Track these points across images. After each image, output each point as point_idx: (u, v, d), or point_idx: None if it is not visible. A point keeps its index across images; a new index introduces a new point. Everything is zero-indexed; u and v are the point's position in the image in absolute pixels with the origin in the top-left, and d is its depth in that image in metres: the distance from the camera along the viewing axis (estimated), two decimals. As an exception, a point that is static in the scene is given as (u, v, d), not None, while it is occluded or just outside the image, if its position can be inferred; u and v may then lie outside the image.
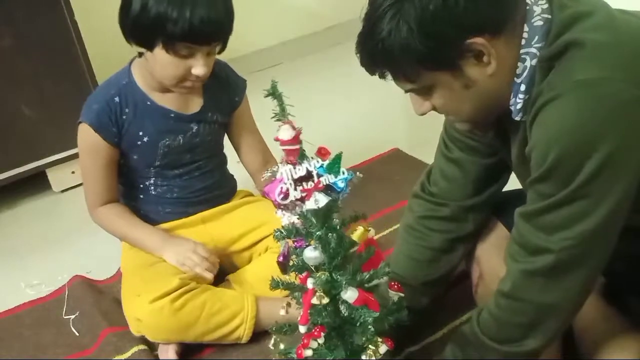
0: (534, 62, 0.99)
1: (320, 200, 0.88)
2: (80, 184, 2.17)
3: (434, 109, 1.06)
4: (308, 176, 0.89)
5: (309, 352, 1.00)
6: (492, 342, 1.09)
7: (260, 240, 1.58)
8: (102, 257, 1.78)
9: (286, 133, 0.89)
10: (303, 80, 2.72)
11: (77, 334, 1.56)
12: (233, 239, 1.61)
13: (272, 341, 1.07)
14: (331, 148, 0.93)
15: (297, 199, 0.89)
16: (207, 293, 1.43)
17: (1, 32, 1.90)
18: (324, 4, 2.94)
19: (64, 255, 1.88)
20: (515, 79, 1.00)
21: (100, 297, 1.63)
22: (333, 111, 2.46)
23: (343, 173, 0.90)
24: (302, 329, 1.00)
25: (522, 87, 1.00)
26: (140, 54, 1.43)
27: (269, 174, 0.91)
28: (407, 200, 1.70)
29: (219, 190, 1.65)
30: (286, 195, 0.89)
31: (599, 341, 1.22)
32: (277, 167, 0.90)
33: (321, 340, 1.00)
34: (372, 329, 1.00)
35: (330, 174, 0.90)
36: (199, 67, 1.38)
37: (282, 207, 0.91)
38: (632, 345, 1.18)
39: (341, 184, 0.89)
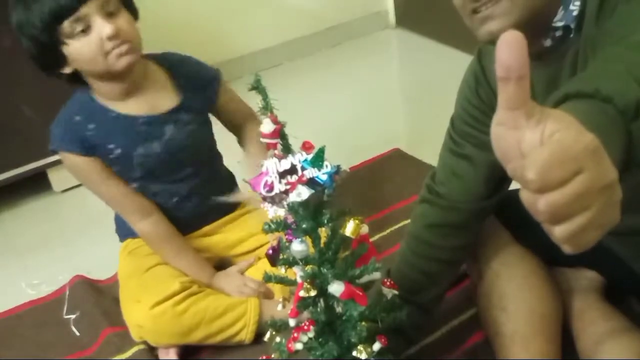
0: None
1: (303, 193, 0.89)
2: (82, 184, 2.18)
3: None
4: (292, 169, 0.91)
5: (298, 346, 1.01)
6: None
7: (263, 245, 1.56)
8: (102, 257, 1.78)
9: (267, 127, 0.92)
10: (303, 80, 2.72)
11: (78, 334, 1.56)
12: (233, 243, 1.60)
13: (268, 335, 1.07)
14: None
15: (281, 192, 0.90)
16: (209, 296, 1.43)
17: (1, 32, 1.90)
18: (324, 4, 2.94)
19: (64, 255, 1.88)
20: None
21: (100, 296, 1.64)
22: (333, 111, 2.46)
23: (327, 167, 0.91)
24: (292, 323, 1.01)
25: None
26: (71, 77, 1.39)
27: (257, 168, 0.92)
28: (407, 200, 1.69)
29: (216, 206, 1.56)
30: (271, 188, 0.90)
31: (599, 341, 1.22)
32: (263, 161, 0.92)
33: (311, 335, 1.00)
34: (364, 325, 1.00)
35: (314, 167, 0.91)
36: (104, 28, 1.28)
37: (267, 199, 0.92)
38: (632, 345, 1.18)
39: (324, 177, 0.90)
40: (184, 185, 1.50)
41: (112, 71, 1.34)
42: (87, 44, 1.30)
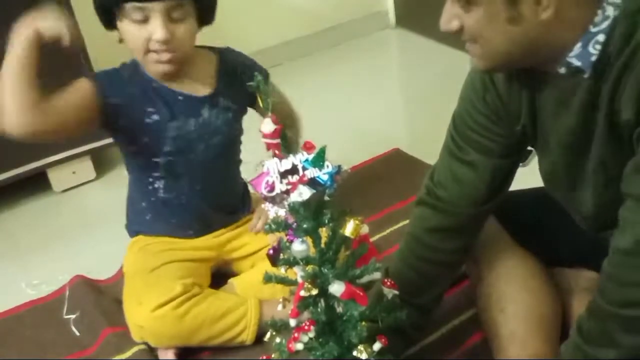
0: (617, 12, 0.93)
1: (304, 193, 0.90)
2: (82, 184, 2.18)
3: (460, 30, 0.97)
4: (293, 169, 0.91)
5: (299, 346, 1.02)
6: (612, 306, 0.98)
7: (264, 247, 1.54)
8: (102, 257, 1.78)
9: (268, 126, 0.92)
10: (303, 80, 2.72)
11: (78, 334, 1.56)
12: (236, 246, 1.60)
13: (268, 335, 1.08)
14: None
15: (282, 192, 0.91)
16: (210, 298, 1.43)
17: (1, 32, 1.90)
18: (324, 4, 2.94)
19: (64, 255, 1.88)
20: (591, 27, 0.94)
21: (101, 297, 1.63)
22: (333, 111, 2.46)
23: (327, 167, 0.92)
24: (292, 323, 1.01)
25: (601, 38, 0.94)
26: (121, 40, 1.41)
27: (258, 168, 0.93)
28: (407, 200, 1.69)
29: (230, 206, 1.60)
30: (272, 188, 0.91)
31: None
32: (264, 161, 0.93)
33: (312, 335, 1.00)
34: (364, 325, 1.00)
35: (315, 167, 0.91)
36: (157, 31, 1.32)
37: (268, 199, 0.93)
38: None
39: (325, 177, 0.91)
40: (204, 177, 1.51)
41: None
42: (136, 33, 1.34)
